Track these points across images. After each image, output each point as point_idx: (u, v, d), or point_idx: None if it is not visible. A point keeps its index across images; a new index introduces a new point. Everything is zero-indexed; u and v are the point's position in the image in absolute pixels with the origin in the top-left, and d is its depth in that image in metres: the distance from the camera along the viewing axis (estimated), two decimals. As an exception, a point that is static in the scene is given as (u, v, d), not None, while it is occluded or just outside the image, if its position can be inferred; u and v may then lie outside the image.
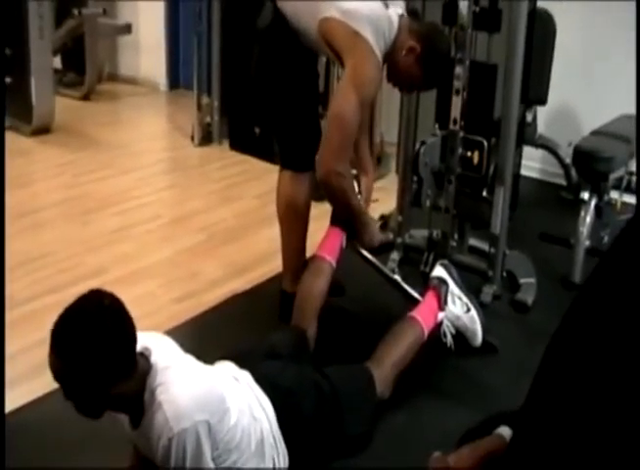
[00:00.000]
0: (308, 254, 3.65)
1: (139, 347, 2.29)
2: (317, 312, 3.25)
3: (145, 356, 2.30)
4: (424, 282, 3.74)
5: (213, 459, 2.32)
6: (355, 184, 3.51)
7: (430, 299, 3.28)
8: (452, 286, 3.31)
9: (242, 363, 2.72)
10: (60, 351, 2.13)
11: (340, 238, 3.48)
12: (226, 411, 2.36)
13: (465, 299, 3.33)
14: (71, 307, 2.16)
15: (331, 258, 3.40)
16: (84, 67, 7.32)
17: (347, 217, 3.41)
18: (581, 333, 0.92)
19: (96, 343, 2.12)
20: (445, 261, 3.46)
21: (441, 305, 3.25)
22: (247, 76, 3.55)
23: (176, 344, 2.50)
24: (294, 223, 3.59)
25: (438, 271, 3.37)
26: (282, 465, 2.61)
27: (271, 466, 2.57)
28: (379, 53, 3.12)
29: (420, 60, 3.25)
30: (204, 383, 2.34)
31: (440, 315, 3.25)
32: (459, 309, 3.31)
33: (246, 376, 2.65)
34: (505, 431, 1.52)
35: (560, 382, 0.95)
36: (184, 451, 2.18)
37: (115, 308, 2.19)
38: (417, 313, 3.19)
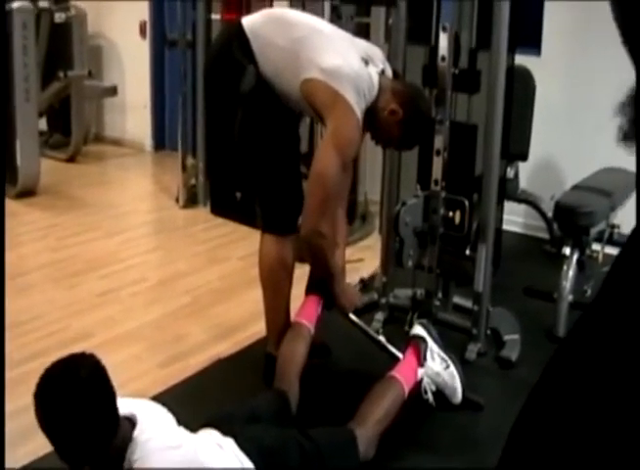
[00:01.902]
0: (292, 316, 3.66)
1: (127, 412, 2.33)
2: (298, 375, 3.25)
3: (131, 423, 2.31)
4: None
5: None
6: None
7: (409, 356, 3.30)
8: (431, 343, 3.34)
9: (224, 429, 2.71)
10: (39, 412, 2.21)
11: (317, 304, 3.52)
12: None
13: (444, 355, 3.35)
14: (49, 372, 2.24)
15: (309, 324, 3.43)
16: (70, 128, 7.36)
17: (325, 279, 3.45)
18: (560, 389, 0.93)
19: (72, 408, 2.19)
20: (424, 321, 3.50)
21: (421, 361, 3.27)
22: (228, 140, 3.58)
23: (165, 410, 2.52)
24: (277, 287, 3.59)
25: (417, 330, 3.40)
26: None
27: None
28: (359, 111, 3.14)
29: (401, 123, 3.29)
30: (183, 458, 2.32)
31: (420, 372, 3.26)
32: (438, 366, 3.32)
33: (229, 443, 2.63)
34: None
35: (536, 436, 0.96)
36: None
37: (91, 374, 2.24)
38: (397, 372, 3.21)
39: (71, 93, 7.26)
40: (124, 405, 2.35)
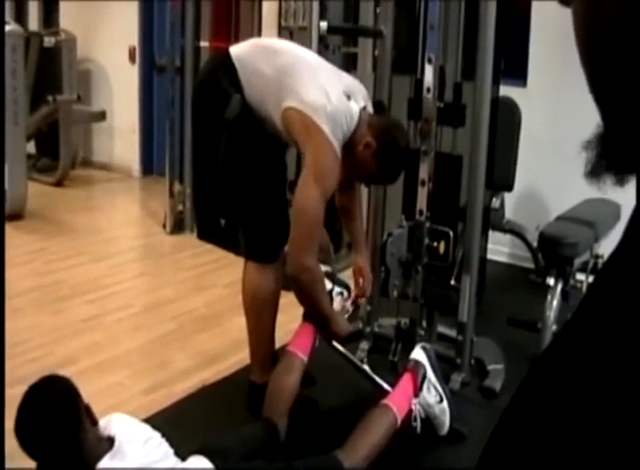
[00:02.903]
0: (278, 344, 3.67)
1: (111, 433, 2.39)
2: (288, 408, 3.22)
3: (110, 442, 2.35)
4: (392, 371, 3.77)
5: None
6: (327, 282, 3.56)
7: (405, 383, 3.26)
8: (429, 372, 3.31)
9: (219, 463, 2.72)
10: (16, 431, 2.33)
11: (312, 333, 3.47)
12: None
13: (440, 389, 3.32)
14: (26, 393, 2.38)
15: (302, 355, 3.38)
16: (58, 152, 7.39)
17: (315, 312, 3.41)
18: (531, 408, 0.93)
19: (37, 431, 2.33)
20: (426, 345, 3.46)
21: (416, 391, 3.24)
22: (213, 167, 3.59)
23: (157, 438, 2.54)
24: (260, 315, 3.59)
25: (417, 354, 3.36)
26: None
27: None
28: (336, 144, 3.14)
29: (376, 155, 3.28)
30: None
31: (414, 401, 3.24)
32: (432, 399, 3.29)
33: None
34: None
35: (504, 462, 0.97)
36: None
37: (57, 397, 2.38)
38: (391, 401, 3.17)
39: (60, 117, 7.28)
40: (115, 425, 2.41)
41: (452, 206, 3.81)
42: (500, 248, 5.44)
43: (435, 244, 3.73)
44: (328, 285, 3.58)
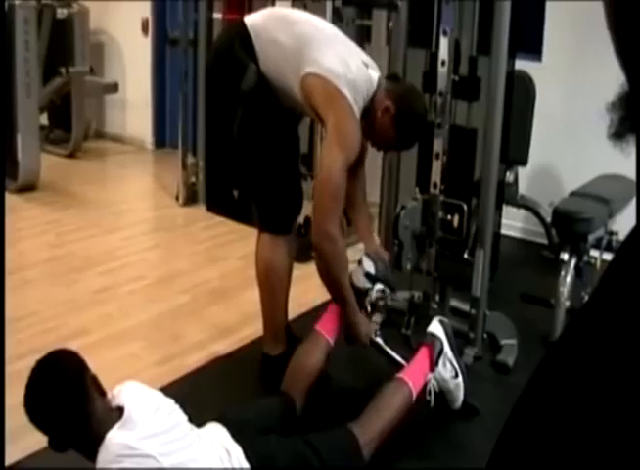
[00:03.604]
0: (291, 316, 3.67)
1: (121, 403, 2.40)
2: (307, 387, 3.22)
3: (119, 413, 2.37)
4: (405, 344, 3.76)
5: None
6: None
7: (422, 358, 3.25)
8: (446, 347, 3.29)
9: (235, 434, 2.72)
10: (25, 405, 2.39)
11: (340, 316, 3.43)
12: None
13: (455, 364, 3.31)
14: (35, 368, 2.43)
15: (328, 336, 3.37)
16: (71, 124, 7.35)
17: (333, 288, 3.35)
18: (550, 392, 0.93)
19: (46, 402, 2.39)
20: (443, 318, 3.45)
21: (432, 366, 3.23)
22: (227, 138, 3.58)
23: (171, 406, 2.55)
24: (274, 287, 3.59)
25: (435, 327, 3.35)
26: None
27: None
28: (357, 111, 3.16)
29: (394, 120, 3.28)
30: (151, 467, 2.31)
31: (429, 376, 3.22)
32: (448, 374, 3.28)
33: (238, 451, 2.64)
34: None
35: (525, 440, 0.96)
36: None
37: (65, 371, 2.42)
38: (406, 375, 3.16)
39: (72, 89, 7.25)
40: (125, 395, 2.44)
41: (466, 179, 3.79)
42: (513, 223, 5.42)
43: (449, 217, 3.71)
44: (367, 284, 3.53)
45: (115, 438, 2.31)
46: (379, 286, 3.56)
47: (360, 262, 3.58)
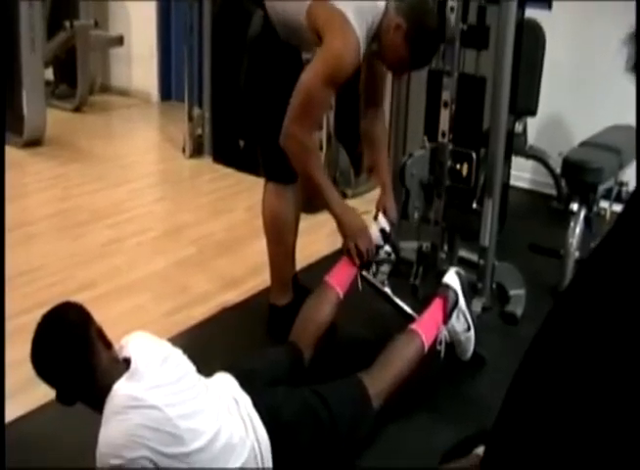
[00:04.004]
0: (298, 267, 3.65)
1: (128, 355, 2.39)
2: (316, 339, 3.20)
3: (126, 364, 2.36)
4: (413, 295, 3.74)
5: None
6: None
7: (435, 309, 3.21)
8: (461, 300, 3.25)
9: (244, 384, 2.72)
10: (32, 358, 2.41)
11: (351, 270, 3.41)
12: (185, 442, 2.32)
13: (468, 317, 3.27)
14: (39, 323, 2.43)
15: (339, 289, 3.34)
16: (76, 78, 7.30)
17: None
18: (559, 342, 0.92)
19: (51, 352, 2.39)
20: (459, 269, 3.40)
21: (446, 318, 3.19)
22: (233, 88, 3.55)
23: (179, 357, 2.55)
24: (280, 236, 3.58)
25: (451, 279, 3.30)
26: None
27: None
28: (361, 36, 3.07)
29: (406, 37, 3.18)
30: (148, 417, 2.28)
31: (442, 328, 3.19)
32: (461, 327, 3.25)
33: (246, 401, 2.64)
34: (482, 451, 1.52)
35: (534, 393, 0.95)
36: None
37: (71, 321, 2.41)
38: (419, 326, 3.13)
39: (77, 43, 7.18)
40: (131, 346, 2.42)
41: (475, 129, 3.74)
42: (522, 174, 5.38)
43: (458, 166, 3.67)
44: (380, 241, 3.49)
45: (122, 389, 2.30)
46: (387, 248, 3.53)
47: (376, 217, 3.55)
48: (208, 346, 3.51)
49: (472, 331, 3.29)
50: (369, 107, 3.61)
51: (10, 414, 3.05)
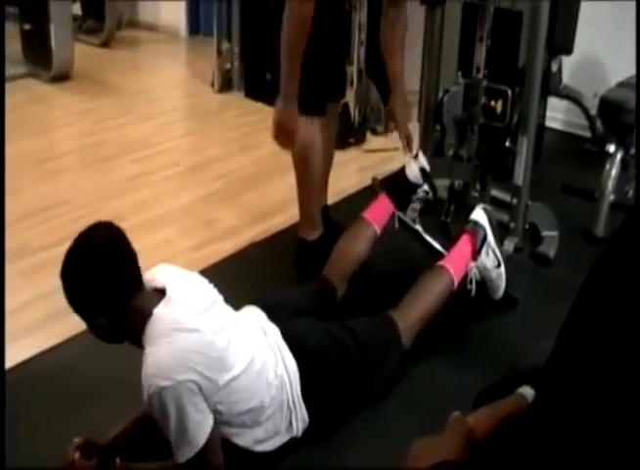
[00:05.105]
0: (329, 202, 3.61)
1: (160, 284, 2.33)
2: (349, 274, 3.19)
3: (159, 293, 2.31)
4: (444, 233, 3.69)
5: (218, 412, 2.33)
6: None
7: (464, 245, 3.16)
8: (489, 236, 3.20)
9: (271, 315, 2.70)
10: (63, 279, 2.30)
11: (389, 207, 3.40)
12: (226, 368, 2.33)
13: (498, 253, 3.22)
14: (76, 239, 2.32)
15: (376, 226, 3.32)
16: (104, 13, 7.26)
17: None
18: (610, 287, 0.88)
19: (84, 269, 2.28)
20: (487, 206, 3.34)
21: (475, 254, 3.14)
22: (263, 20, 3.48)
23: (208, 286, 2.51)
24: (310, 169, 3.53)
25: (478, 215, 3.24)
26: (299, 428, 2.58)
27: (285, 428, 2.56)
28: None
29: None
30: (195, 341, 2.26)
31: (471, 265, 3.14)
32: (490, 263, 3.20)
33: (274, 331, 2.62)
34: (527, 391, 1.48)
35: (587, 339, 0.91)
36: (165, 410, 2.19)
37: (104, 239, 2.31)
38: (448, 262, 3.09)
39: (105, -23, 7.13)
40: (163, 274, 2.34)
41: (511, 65, 3.65)
42: (555, 115, 5.28)
43: (493, 103, 3.60)
44: (419, 180, 3.48)
45: (164, 313, 2.27)
46: (425, 187, 3.49)
47: (416, 156, 3.50)
48: (236, 280, 3.47)
49: (502, 268, 3.24)
50: (390, 6, 3.50)
51: (33, 349, 3.07)
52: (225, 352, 2.33)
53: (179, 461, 2.27)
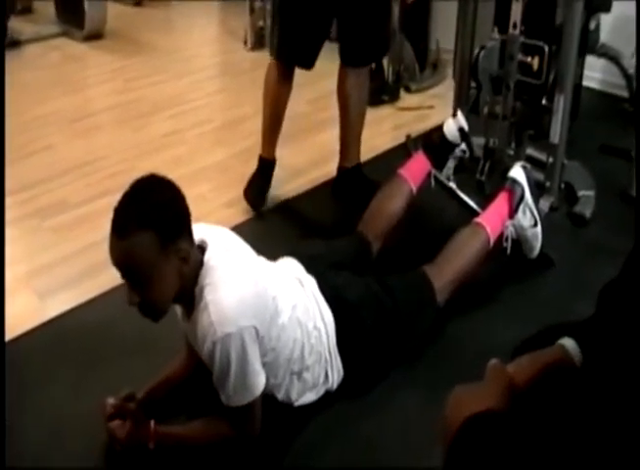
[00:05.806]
0: (363, 158, 3.71)
1: (197, 239, 2.30)
2: (386, 231, 3.17)
3: (201, 249, 2.29)
4: (479, 191, 3.67)
5: (263, 364, 2.32)
6: None
7: (501, 203, 3.12)
8: (527, 194, 3.14)
9: (309, 267, 2.70)
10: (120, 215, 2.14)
11: (426, 165, 3.39)
12: (277, 315, 2.34)
13: (535, 212, 3.18)
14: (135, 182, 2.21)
15: (413, 184, 3.30)
16: (137, -28, 7.25)
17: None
18: None
19: (151, 204, 2.15)
20: (526, 164, 3.28)
21: (512, 212, 3.10)
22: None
23: (240, 240, 2.49)
24: (356, 106, 3.76)
25: (517, 173, 3.18)
26: (335, 381, 2.59)
27: (322, 380, 2.57)
28: None
29: None
30: (254, 287, 2.27)
31: (508, 223, 3.11)
32: (527, 222, 3.16)
33: (311, 283, 2.62)
34: (568, 342, 1.47)
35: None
36: (228, 356, 2.18)
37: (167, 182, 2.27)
38: (484, 220, 3.05)
39: None
40: (197, 231, 2.32)
41: (548, 21, 3.60)
42: (593, 74, 5.21)
43: (529, 59, 3.55)
44: (457, 139, 3.49)
45: (218, 261, 2.25)
46: (463, 146, 3.47)
47: (455, 115, 3.47)
48: (272, 236, 3.51)
49: (539, 227, 3.21)
50: None
51: (72, 302, 3.09)
52: (276, 299, 2.35)
53: (231, 404, 2.28)
